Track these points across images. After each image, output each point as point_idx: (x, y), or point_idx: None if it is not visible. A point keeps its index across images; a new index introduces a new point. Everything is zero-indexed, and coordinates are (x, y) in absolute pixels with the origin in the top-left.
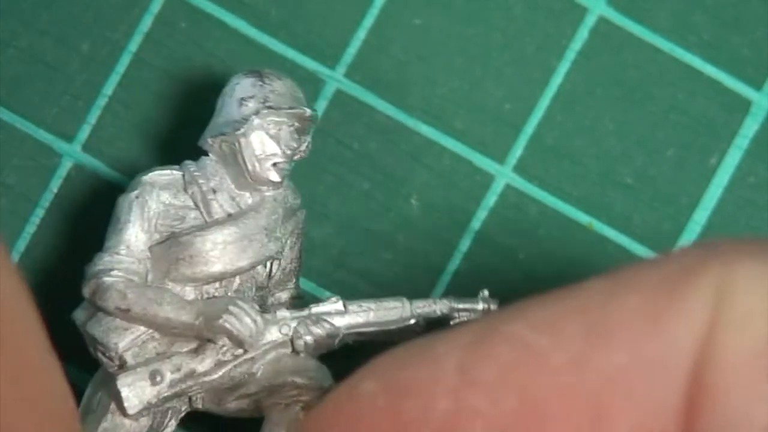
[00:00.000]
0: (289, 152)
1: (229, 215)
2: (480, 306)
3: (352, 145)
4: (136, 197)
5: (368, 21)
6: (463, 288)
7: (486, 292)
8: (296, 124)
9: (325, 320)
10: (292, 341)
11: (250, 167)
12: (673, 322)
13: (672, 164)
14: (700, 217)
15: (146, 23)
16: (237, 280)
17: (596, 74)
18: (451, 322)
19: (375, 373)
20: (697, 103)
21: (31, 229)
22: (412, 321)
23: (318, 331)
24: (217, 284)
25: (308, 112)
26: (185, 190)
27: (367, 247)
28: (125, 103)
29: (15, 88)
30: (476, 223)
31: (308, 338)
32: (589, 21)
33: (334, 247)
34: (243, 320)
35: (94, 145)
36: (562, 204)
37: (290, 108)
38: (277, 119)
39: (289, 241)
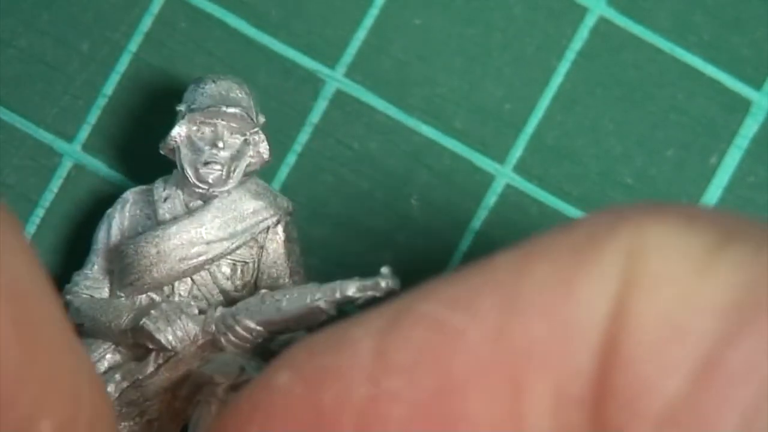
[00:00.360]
0: (224, 153)
1: (171, 221)
2: (382, 284)
3: (352, 145)
4: (107, 215)
5: (368, 21)
6: None
7: (386, 269)
8: (230, 123)
9: (238, 315)
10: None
11: (188, 171)
12: (584, 287)
13: (672, 164)
14: None
15: (146, 23)
16: (187, 283)
17: (596, 74)
18: (356, 303)
19: (290, 363)
20: (697, 103)
21: (31, 229)
22: (322, 304)
23: (233, 325)
24: (167, 289)
25: (227, 109)
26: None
27: (367, 247)
28: (125, 103)
29: (15, 88)
30: (476, 223)
31: (229, 335)
32: (589, 21)
33: (334, 247)
34: (159, 322)
35: (94, 145)
36: (562, 204)
37: (209, 107)
38: (203, 119)
39: (249, 247)
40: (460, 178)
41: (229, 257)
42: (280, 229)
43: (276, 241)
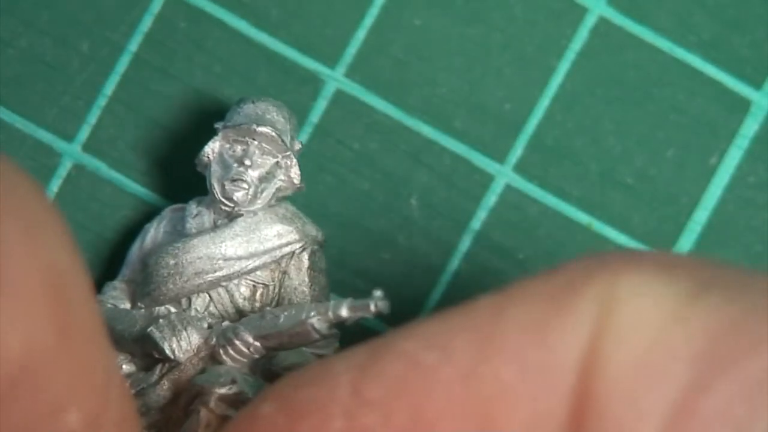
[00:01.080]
0: (252, 172)
1: (193, 234)
2: (372, 307)
3: (352, 145)
4: (144, 229)
5: (368, 21)
6: (463, 288)
7: (379, 293)
8: (262, 143)
9: (238, 329)
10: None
11: (215, 187)
12: (558, 333)
13: (672, 164)
14: (700, 217)
15: (146, 23)
16: (204, 299)
17: (596, 74)
18: (347, 323)
19: (274, 395)
20: (697, 103)
21: None
22: (315, 322)
23: (232, 339)
24: (184, 302)
25: (258, 128)
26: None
27: (367, 247)
28: (125, 103)
29: (15, 88)
30: (476, 223)
31: (228, 348)
32: (589, 21)
33: (334, 247)
34: (164, 331)
35: (94, 145)
36: (562, 204)
37: (241, 125)
38: (236, 137)
39: (271, 270)
40: (460, 178)
41: (248, 278)
42: (305, 256)
43: (300, 268)
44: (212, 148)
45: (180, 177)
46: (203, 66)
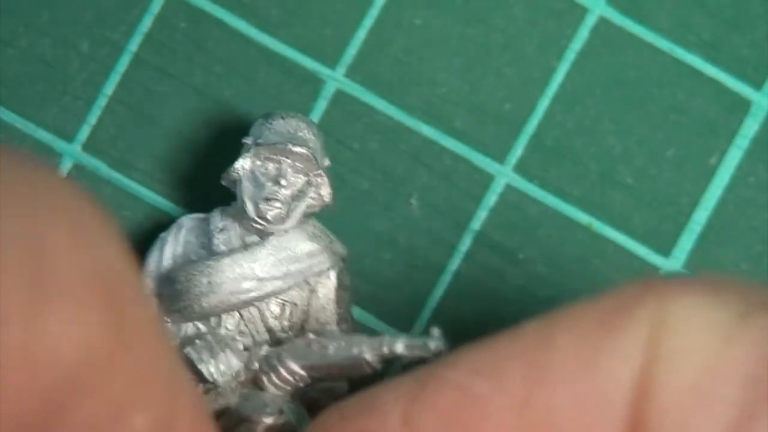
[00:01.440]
0: (286, 191)
1: (225, 253)
2: (431, 345)
3: (352, 145)
4: (160, 238)
5: (368, 21)
6: (463, 288)
7: (437, 331)
8: (295, 162)
9: (283, 357)
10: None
11: (248, 205)
12: (610, 359)
13: (672, 164)
14: (700, 217)
15: (146, 23)
16: (234, 317)
17: (596, 74)
18: (403, 361)
19: (323, 428)
20: (697, 103)
21: None
22: (368, 357)
23: (277, 366)
24: (213, 320)
25: (294, 148)
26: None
27: (367, 247)
28: (125, 103)
29: (15, 88)
30: (476, 223)
31: (272, 376)
32: (589, 21)
33: None
34: (203, 353)
35: (94, 145)
36: (562, 204)
37: (276, 144)
38: (268, 155)
39: (300, 289)
40: (460, 178)
41: (279, 297)
42: (333, 274)
43: (327, 287)
44: (242, 165)
45: (180, 177)
46: (203, 66)
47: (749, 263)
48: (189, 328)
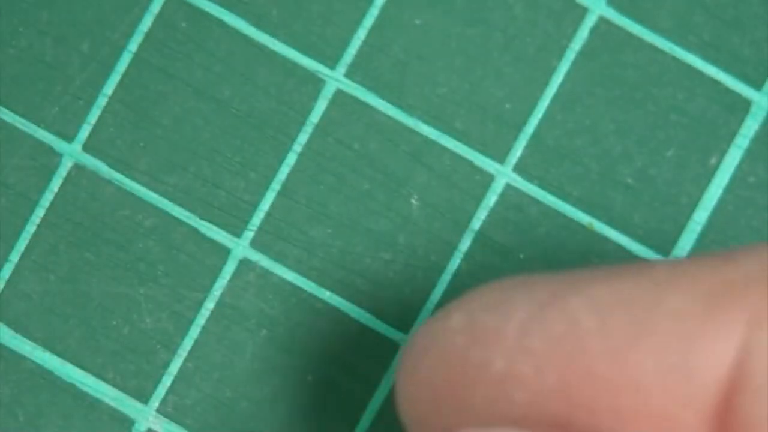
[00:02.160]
0: None
1: None
2: None
3: (352, 145)
4: None
5: (368, 21)
6: (463, 288)
7: None
8: None
9: None
10: None
11: None
12: (710, 340)
13: (672, 164)
14: (700, 217)
15: (146, 23)
16: None
17: (596, 74)
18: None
19: (463, 309)
20: (697, 103)
21: (31, 229)
22: None
23: None
24: None
25: None
26: None
27: (367, 247)
28: (125, 103)
29: (15, 88)
30: (476, 223)
31: None
32: (589, 21)
33: (334, 247)
34: None
35: (94, 145)
36: (562, 204)
37: None
38: None
39: None
40: (460, 178)
41: None
42: None
43: None
44: None
45: (180, 177)
46: (203, 66)
47: None
48: None
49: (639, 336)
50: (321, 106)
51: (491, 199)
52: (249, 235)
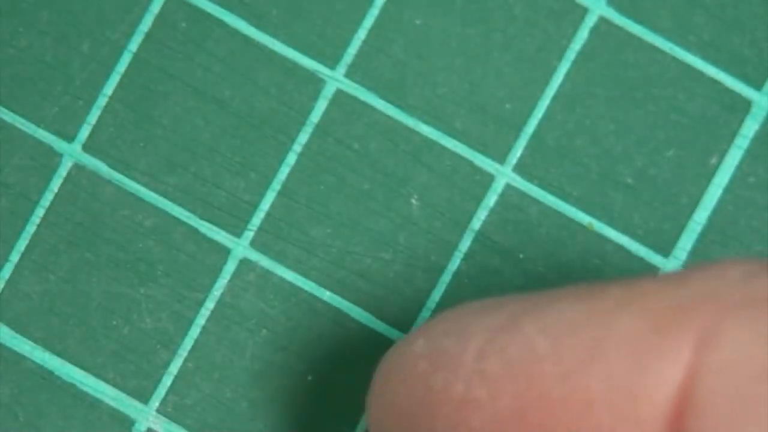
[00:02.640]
0: None
1: None
2: None
3: (352, 145)
4: None
5: (368, 21)
6: (463, 288)
7: None
8: None
9: None
10: None
11: None
12: (659, 360)
13: (672, 164)
14: (700, 217)
15: (146, 23)
16: None
17: (596, 74)
18: None
19: (426, 334)
20: (697, 103)
21: (31, 229)
22: None
23: None
24: None
25: None
26: None
27: (367, 247)
28: (125, 103)
29: (15, 88)
30: (476, 223)
31: None
32: (590, 21)
33: (334, 247)
34: None
35: (94, 145)
36: (562, 204)
37: None
38: None
39: None
40: (460, 178)
41: None
42: None
43: None
44: None
45: (180, 177)
46: (203, 66)
47: None
48: None
49: (590, 359)
50: (321, 106)
51: (491, 199)
52: (249, 235)
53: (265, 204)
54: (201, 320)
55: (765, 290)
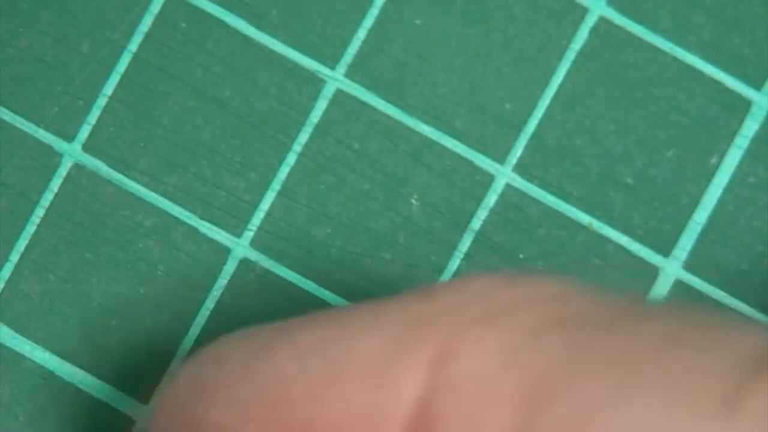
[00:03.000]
0: None
1: None
2: None
3: (352, 145)
4: None
5: (368, 21)
6: None
7: None
8: None
9: None
10: None
11: None
12: (397, 378)
13: (672, 164)
14: (700, 217)
15: (146, 23)
16: None
17: (596, 74)
18: None
19: (190, 364)
20: (697, 103)
21: (31, 229)
22: None
23: None
24: None
25: None
26: None
27: (367, 247)
28: (125, 103)
29: (15, 88)
30: (476, 223)
31: None
32: (590, 21)
33: (334, 247)
34: None
35: (94, 145)
36: (562, 204)
37: None
38: None
39: None
40: (460, 178)
41: None
42: None
43: None
44: None
45: (180, 177)
46: (203, 66)
47: (749, 263)
48: None
49: (334, 381)
50: (321, 106)
51: (491, 199)
52: (249, 235)
53: (265, 204)
54: (201, 320)
55: (506, 303)
